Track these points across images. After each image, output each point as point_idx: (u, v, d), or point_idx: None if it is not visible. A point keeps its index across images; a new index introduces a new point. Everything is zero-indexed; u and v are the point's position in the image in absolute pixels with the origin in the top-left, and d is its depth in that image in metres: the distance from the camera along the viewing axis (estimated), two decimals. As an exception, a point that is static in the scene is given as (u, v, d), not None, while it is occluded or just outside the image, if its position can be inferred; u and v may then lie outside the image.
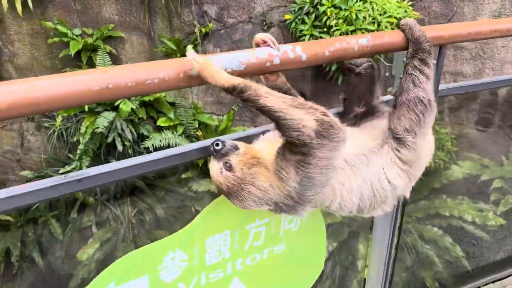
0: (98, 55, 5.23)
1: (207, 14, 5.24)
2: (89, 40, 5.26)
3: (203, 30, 5.23)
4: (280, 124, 1.16)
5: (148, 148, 5.25)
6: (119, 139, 5.33)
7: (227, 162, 1.24)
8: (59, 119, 5.38)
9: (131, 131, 5.39)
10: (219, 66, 1.10)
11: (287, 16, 4.89)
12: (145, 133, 5.50)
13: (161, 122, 5.44)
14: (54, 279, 6.25)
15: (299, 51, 1.17)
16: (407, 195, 1.52)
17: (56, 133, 5.62)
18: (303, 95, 1.41)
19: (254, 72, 1.14)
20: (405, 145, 1.37)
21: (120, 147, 5.30)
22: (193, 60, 1.08)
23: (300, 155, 1.19)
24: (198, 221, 1.42)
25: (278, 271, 1.75)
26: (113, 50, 5.41)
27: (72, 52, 5.02)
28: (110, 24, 5.33)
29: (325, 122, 1.19)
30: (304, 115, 1.17)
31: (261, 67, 1.13)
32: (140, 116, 5.40)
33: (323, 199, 1.31)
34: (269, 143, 1.34)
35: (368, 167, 1.37)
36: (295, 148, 1.18)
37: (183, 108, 5.56)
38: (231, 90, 1.12)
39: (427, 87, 1.37)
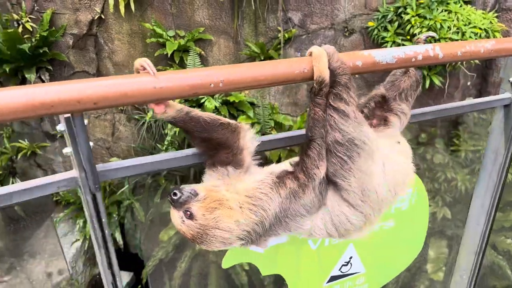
0: (189, 55, 5.71)
1: (291, 20, 5.56)
2: (181, 42, 5.75)
3: (286, 35, 5.56)
4: (310, 142, 1.27)
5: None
6: (202, 133, 5.77)
7: (187, 211, 1.22)
8: (150, 112, 5.90)
9: (212, 127, 5.81)
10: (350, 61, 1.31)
11: (370, 23, 5.11)
12: (225, 129, 5.91)
13: (241, 119, 5.82)
14: (133, 259, 6.80)
15: (438, 50, 1.42)
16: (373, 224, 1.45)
17: (145, 125, 6.17)
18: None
19: (402, 65, 1.40)
20: (340, 188, 1.32)
21: (203, 141, 5.73)
22: (314, 48, 1.27)
23: (298, 185, 1.26)
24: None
25: (384, 245, 1.99)
26: (202, 52, 5.87)
27: (169, 52, 5.52)
28: (201, 28, 5.79)
29: (325, 181, 1.30)
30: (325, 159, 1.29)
31: (408, 61, 1.39)
32: (222, 113, 5.81)
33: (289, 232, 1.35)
34: (231, 180, 1.34)
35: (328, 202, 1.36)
36: (299, 172, 1.27)
37: (261, 108, 5.91)
38: (322, 87, 1.24)
39: (345, 126, 1.26)
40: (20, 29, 6.04)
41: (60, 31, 6.04)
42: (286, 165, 1.35)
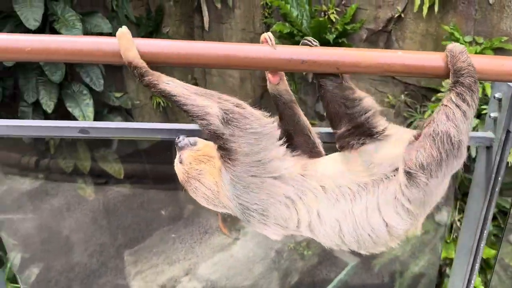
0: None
1: None
2: (478, 49, 5.59)
3: None
4: (186, 112, 1.18)
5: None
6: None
7: (181, 155, 1.32)
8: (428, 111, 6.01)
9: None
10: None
11: None
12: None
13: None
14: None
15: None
16: (417, 230, 1.32)
17: (412, 125, 6.30)
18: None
19: None
20: (415, 183, 1.18)
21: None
22: (120, 28, 1.20)
23: (221, 149, 1.20)
24: None
25: None
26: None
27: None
28: (504, 37, 5.49)
29: (235, 111, 1.17)
30: (208, 102, 1.17)
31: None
32: None
33: (280, 215, 1.24)
34: None
35: (352, 203, 1.24)
36: (214, 141, 1.20)
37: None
38: (133, 69, 1.19)
39: (462, 126, 1.17)
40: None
41: (358, 25, 6.68)
42: None
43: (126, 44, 1.18)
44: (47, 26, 6.45)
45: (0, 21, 6.43)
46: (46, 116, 6.67)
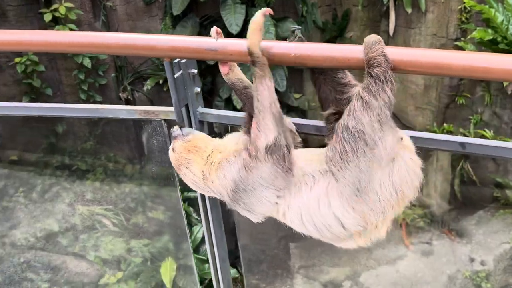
0: None
1: None
2: None
3: None
4: (254, 117, 1.28)
5: None
6: None
7: (173, 144, 1.47)
8: None
9: None
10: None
11: None
12: None
13: None
14: None
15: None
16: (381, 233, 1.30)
17: None
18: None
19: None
20: (336, 176, 1.24)
21: None
22: (258, 12, 1.28)
23: (249, 156, 1.29)
24: None
25: None
26: None
27: None
28: None
29: (281, 147, 1.26)
30: (272, 127, 1.25)
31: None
32: None
33: (266, 211, 1.36)
34: (229, 141, 1.47)
35: (311, 190, 1.29)
36: (249, 145, 1.30)
37: None
38: (249, 55, 1.26)
39: (363, 116, 1.16)
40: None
41: None
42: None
43: (256, 27, 1.27)
44: (245, 31, 7.15)
45: (208, 25, 7.38)
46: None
